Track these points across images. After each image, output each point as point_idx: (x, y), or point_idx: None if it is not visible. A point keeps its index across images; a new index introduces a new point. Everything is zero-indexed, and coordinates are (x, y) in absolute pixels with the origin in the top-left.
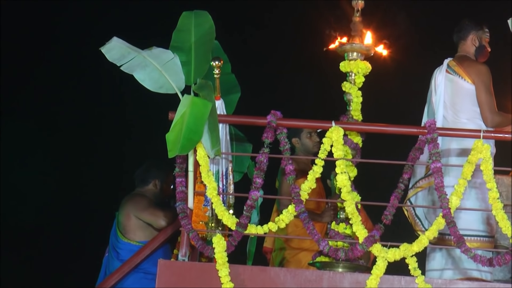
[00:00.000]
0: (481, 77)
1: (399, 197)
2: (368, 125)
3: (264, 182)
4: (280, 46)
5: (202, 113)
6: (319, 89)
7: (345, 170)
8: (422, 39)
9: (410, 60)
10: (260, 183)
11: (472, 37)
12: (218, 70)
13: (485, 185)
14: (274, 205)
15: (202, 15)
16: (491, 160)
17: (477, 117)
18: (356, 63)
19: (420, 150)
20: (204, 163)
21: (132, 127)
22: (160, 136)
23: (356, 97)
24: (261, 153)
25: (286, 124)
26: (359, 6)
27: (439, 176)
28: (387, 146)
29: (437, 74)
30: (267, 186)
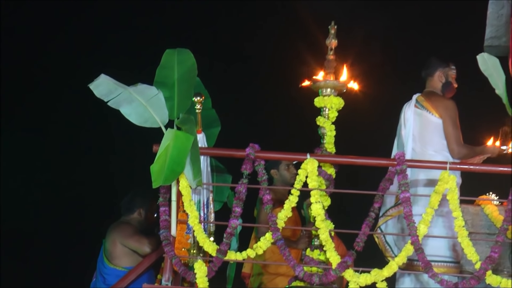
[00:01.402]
0: (448, 112)
1: (370, 225)
2: (341, 157)
3: (243, 211)
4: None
5: (184, 146)
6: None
7: (319, 200)
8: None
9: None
10: (239, 212)
11: (439, 73)
12: (199, 105)
13: (451, 214)
14: (252, 233)
15: (185, 53)
16: (457, 190)
17: (445, 149)
18: (329, 99)
19: (390, 180)
20: (187, 193)
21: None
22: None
23: (329, 131)
24: (240, 184)
25: (263, 156)
26: (333, 45)
27: (408, 205)
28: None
29: (406, 109)
30: (245, 214)
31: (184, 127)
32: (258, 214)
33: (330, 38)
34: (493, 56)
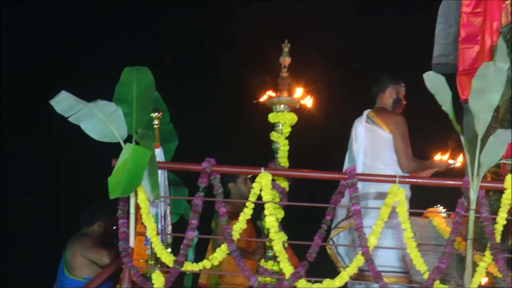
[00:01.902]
0: (398, 127)
1: (322, 236)
2: (294, 171)
3: (199, 223)
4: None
5: (142, 160)
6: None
7: (273, 212)
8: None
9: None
10: (196, 224)
11: (390, 90)
12: (157, 121)
13: (400, 226)
14: (209, 244)
15: (143, 70)
16: (406, 203)
17: (395, 164)
18: (283, 115)
19: (341, 194)
20: (145, 206)
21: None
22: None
23: (283, 146)
24: (197, 197)
25: (219, 170)
26: (286, 63)
27: (359, 217)
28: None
29: (357, 124)
30: (202, 226)
31: (142, 142)
32: (216, 226)
33: (284, 56)
34: (439, 74)
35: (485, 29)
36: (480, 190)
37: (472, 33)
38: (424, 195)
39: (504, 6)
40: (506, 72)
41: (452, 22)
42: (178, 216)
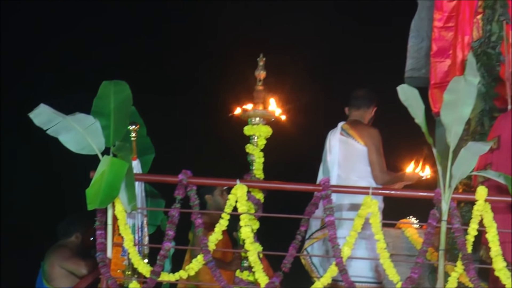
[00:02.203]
0: (373, 140)
1: (296, 247)
2: (269, 183)
3: (176, 234)
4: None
5: (120, 171)
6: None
7: (249, 223)
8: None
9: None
10: (172, 235)
11: (373, 108)
12: (134, 134)
13: (373, 236)
14: (186, 254)
15: (121, 84)
16: (379, 214)
17: (368, 176)
18: (258, 127)
19: (315, 205)
20: (122, 217)
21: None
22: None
23: (258, 158)
24: (173, 208)
25: (195, 182)
26: (261, 76)
27: (333, 228)
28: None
29: (331, 136)
30: (179, 237)
31: (120, 154)
32: (193, 237)
33: (259, 69)
34: (412, 87)
35: (456, 43)
36: (451, 201)
37: (443, 47)
38: (396, 206)
39: (476, 21)
40: (477, 86)
41: (424, 37)
42: (155, 227)
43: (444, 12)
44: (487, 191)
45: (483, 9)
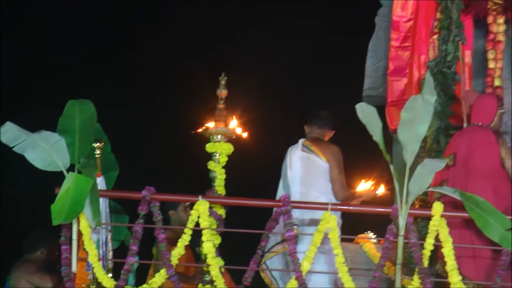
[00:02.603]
0: (335, 157)
1: (257, 261)
2: (230, 199)
3: (140, 249)
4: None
5: (84, 188)
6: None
7: (211, 238)
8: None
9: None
10: (136, 250)
11: (332, 130)
12: (99, 151)
13: (332, 251)
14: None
15: (86, 103)
16: (337, 229)
17: (329, 192)
18: (220, 145)
19: (275, 220)
20: (86, 232)
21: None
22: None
23: (220, 174)
24: (137, 224)
25: (158, 198)
26: (223, 95)
27: (292, 243)
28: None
29: (291, 152)
30: (142, 252)
31: (84, 171)
32: (157, 251)
33: (221, 88)
34: (370, 106)
35: (413, 63)
36: (408, 217)
37: (400, 66)
38: (355, 222)
39: (432, 41)
40: (433, 104)
41: (381, 56)
42: (119, 242)
43: (400, 32)
44: (443, 206)
45: (439, 29)
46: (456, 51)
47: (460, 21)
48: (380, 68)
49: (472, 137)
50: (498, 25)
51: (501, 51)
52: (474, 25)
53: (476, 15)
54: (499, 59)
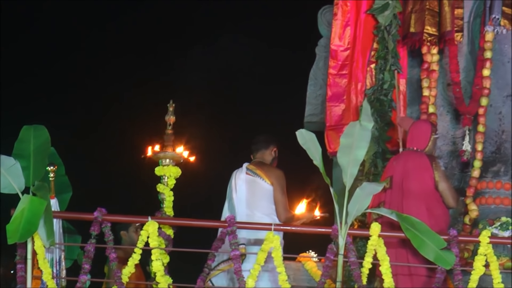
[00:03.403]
0: (279, 180)
1: (204, 279)
2: (178, 219)
3: (92, 267)
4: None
5: (38, 209)
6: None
7: (160, 257)
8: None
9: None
10: (88, 269)
11: (272, 148)
12: (53, 174)
13: (276, 269)
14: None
15: (40, 128)
16: (280, 249)
17: (272, 213)
18: (168, 168)
19: (221, 240)
20: (41, 252)
21: None
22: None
23: (168, 196)
24: (89, 244)
25: (109, 219)
26: (171, 121)
27: (237, 262)
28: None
29: (237, 175)
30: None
31: (39, 193)
32: (108, 270)
33: (169, 114)
34: (310, 132)
35: (350, 90)
36: (348, 236)
37: (338, 92)
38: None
39: (369, 70)
40: (371, 130)
41: (322, 85)
42: (72, 261)
43: (338, 60)
44: (380, 227)
45: (376, 59)
46: (392, 79)
47: (396, 51)
48: (320, 95)
49: (407, 161)
50: (432, 55)
51: (435, 80)
52: (409, 55)
53: (412, 45)
54: (433, 87)
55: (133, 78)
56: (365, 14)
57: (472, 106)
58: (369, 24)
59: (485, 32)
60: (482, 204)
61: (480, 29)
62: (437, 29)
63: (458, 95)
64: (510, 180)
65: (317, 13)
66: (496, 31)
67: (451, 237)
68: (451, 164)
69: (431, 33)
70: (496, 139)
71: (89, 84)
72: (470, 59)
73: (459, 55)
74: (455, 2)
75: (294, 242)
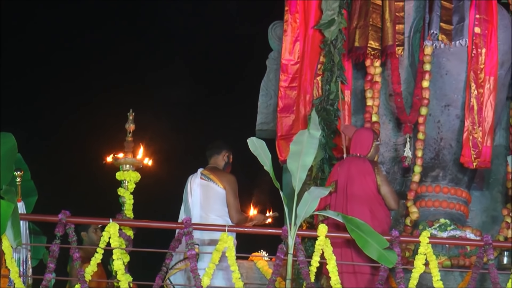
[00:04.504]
0: (231, 185)
1: (162, 277)
2: (138, 221)
3: (56, 266)
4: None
5: (6, 212)
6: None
7: (120, 257)
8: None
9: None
10: (53, 268)
11: (224, 154)
12: (19, 179)
13: (229, 268)
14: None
15: (7, 136)
16: (234, 248)
17: (225, 215)
18: (128, 173)
19: (178, 241)
20: (8, 252)
21: None
22: None
23: (128, 200)
24: (54, 244)
25: (73, 220)
26: (131, 129)
27: (193, 261)
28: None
29: (192, 180)
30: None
31: (6, 197)
32: (71, 269)
33: (129, 123)
34: (260, 139)
35: (299, 101)
36: (297, 237)
37: (288, 104)
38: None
39: (316, 81)
40: (318, 138)
41: (272, 95)
42: (37, 261)
43: (289, 74)
44: (327, 228)
45: (322, 71)
46: (338, 90)
47: (341, 64)
48: (271, 105)
49: (351, 166)
50: (375, 67)
51: (377, 91)
52: (353, 67)
53: (356, 59)
54: (376, 98)
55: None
56: (312, 30)
57: (412, 115)
58: (316, 39)
59: (425, 46)
60: (422, 207)
61: (420, 44)
62: (379, 44)
63: (399, 105)
64: (448, 184)
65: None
66: (435, 45)
67: (393, 237)
68: (393, 169)
69: (374, 47)
70: (435, 146)
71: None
72: (410, 72)
73: (400, 67)
74: (396, 18)
75: (246, 242)
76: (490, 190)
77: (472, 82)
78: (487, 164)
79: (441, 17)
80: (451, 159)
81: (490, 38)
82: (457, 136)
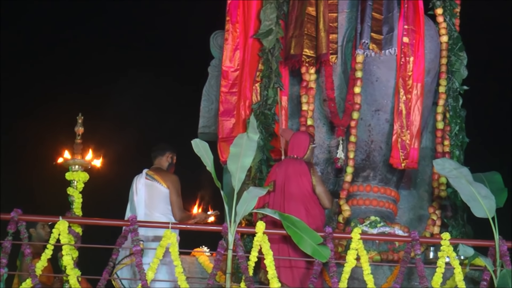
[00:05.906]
0: (174, 184)
1: (109, 271)
2: (86, 219)
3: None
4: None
5: None
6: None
7: (69, 253)
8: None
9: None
10: (5, 263)
11: (167, 155)
12: None
13: (172, 263)
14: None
15: None
16: (177, 244)
17: (169, 213)
18: (77, 174)
19: (124, 237)
20: None
21: None
22: None
23: (77, 199)
24: (6, 240)
25: (25, 218)
26: (80, 132)
27: (139, 256)
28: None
29: (137, 180)
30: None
31: None
32: (21, 264)
33: (78, 126)
34: (203, 141)
35: (239, 106)
36: (236, 233)
37: (229, 108)
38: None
39: (255, 88)
40: (256, 140)
41: (213, 100)
42: None
43: (229, 80)
44: (265, 225)
45: (261, 78)
46: (275, 96)
47: (278, 71)
48: (212, 109)
49: (288, 167)
50: (310, 74)
51: (312, 96)
52: (290, 74)
53: (292, 66)
54: (311, 103)
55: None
56: (252, 39)
57: (345, 119)
58: (255, 47)
59: (356, 54)
60: (353, 205)
61: (352, 52)
62: (314, 52)
63: (332, 109)
64: (378, 184)
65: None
66: (366, 54)
67: (327, 233)
68: (327, 170)
69: (309, 55)
70: (366, 148)
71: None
72: (343, 78)
73: (333, 74)
74: (330, 28)
75: (189, 238)
76: (417, 189)
77: (401, 88)
78: (414, 165)
79: (372, 28)
80: (381, 160)
81: (418, 47)
82: (386, 139)
